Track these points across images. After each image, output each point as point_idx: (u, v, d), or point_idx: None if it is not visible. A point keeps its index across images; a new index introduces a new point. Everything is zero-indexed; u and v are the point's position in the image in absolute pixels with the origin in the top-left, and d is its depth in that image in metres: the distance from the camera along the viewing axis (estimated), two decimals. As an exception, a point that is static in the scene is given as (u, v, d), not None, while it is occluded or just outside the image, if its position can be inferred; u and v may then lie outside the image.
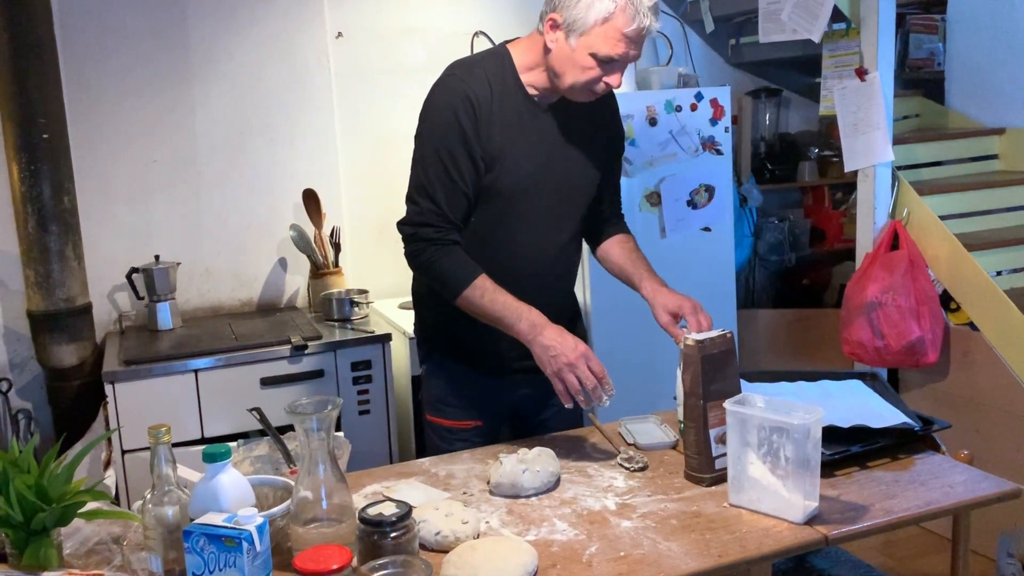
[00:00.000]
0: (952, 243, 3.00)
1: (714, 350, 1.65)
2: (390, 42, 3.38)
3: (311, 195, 3.21)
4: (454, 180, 1.82)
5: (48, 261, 2.81)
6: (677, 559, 1.41)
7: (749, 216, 3.89)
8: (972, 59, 3.61)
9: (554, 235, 1.95)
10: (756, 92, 3.98)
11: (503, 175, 1.85)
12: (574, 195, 1.96)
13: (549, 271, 1.97)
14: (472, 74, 1.84)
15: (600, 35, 1.73)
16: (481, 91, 1.82)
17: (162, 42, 3.07)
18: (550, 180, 1.90)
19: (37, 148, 2.75)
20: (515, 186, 1.87)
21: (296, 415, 1.41)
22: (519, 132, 1.85)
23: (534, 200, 1.89)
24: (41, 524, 1.35)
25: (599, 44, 1.74)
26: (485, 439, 1.99)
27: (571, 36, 1.76)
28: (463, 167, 1.81)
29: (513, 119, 1.85)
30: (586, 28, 1.73)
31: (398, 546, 1.35)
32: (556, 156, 1.90)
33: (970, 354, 3.00)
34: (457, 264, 1.83)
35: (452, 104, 1.81)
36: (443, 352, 2.02)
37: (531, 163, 1.87)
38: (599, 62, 1.76)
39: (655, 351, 3.19)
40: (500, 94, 1.84)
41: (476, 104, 1.80)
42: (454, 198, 1.83)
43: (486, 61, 1.89)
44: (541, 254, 1.94)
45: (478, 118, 1.81)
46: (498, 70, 1.86)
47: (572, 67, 1.78)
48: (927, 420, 1.81)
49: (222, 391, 2.72)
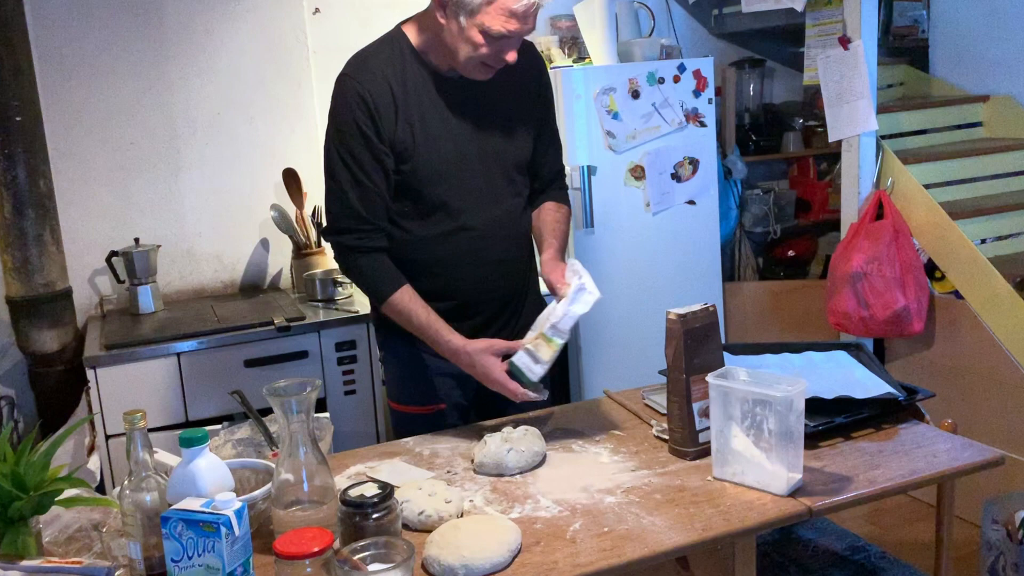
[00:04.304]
0: (936, 212, 3.00)
1: (696, 324, 1.64)
2: (368, 18, 3.33)
3: (291, 174, 3.18)
4: (363, 183, 1.80)
5: (26, 246, 2.77)
6: (661, 534, 1.41)
7: (734, 188, 3.87)
8: (956, 26, 3.59)
9: (492, 208, 1.91)
10: (740, 63, 3.95)
11: (423, 163, 1.83)
12: (505, 163, 1.92)
13: (498, 245, 1.93)
14: (366, 71, 1.81)
15: (488, 14, 1.69)
16: (376, 88, 1.79)
17: (136, 19, 3.01)
18: (475, 154, 1.87)
19: (11, 131, 2.70)
20: (440, 169, 1.84)
21: (275, 397, 1.40)
22: (432, 114, 1.83)
23: (465, 178, 1.87)
24: (18, 513, 1.34)
25: (488, 22, 1.70)
26: (449, 424, 1.96)
27: (460, 15, 1.72)
28: (369, 169, 1.80)
29: (423, 102, 1.82)
30: (473, 7, 1.69)
31: (380, 527, 1.34)
32: (478, 128, 1.87)
33: (955, 323, 3.00)
34: (379, 274, 1.85)
35: (348, 108, 1.79)
36: (399, 338, 1.97)
37: (451, 143, 1.84)
38: (490, 39, 1.72)
39: (641, 325, 3.19)
40: (401, 83, 1.81)
41: (372, 103, 1.78)
42: (368, 200, 1.82)
43: (381, 51, 1.85)
44: (486, 229, 1.91)
45: (378, 116, 1.78)
46: (395, 57, 1.82)
47: (464, 44, 1.74)
48: (911, 390, 1.81)
49: (206, 374, 2.70)
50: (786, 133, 4.01)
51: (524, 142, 1.95)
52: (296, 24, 3.21)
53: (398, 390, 2.03)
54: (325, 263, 3.20)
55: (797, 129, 4.00)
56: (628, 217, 3.24)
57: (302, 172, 3.20)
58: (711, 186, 3.39)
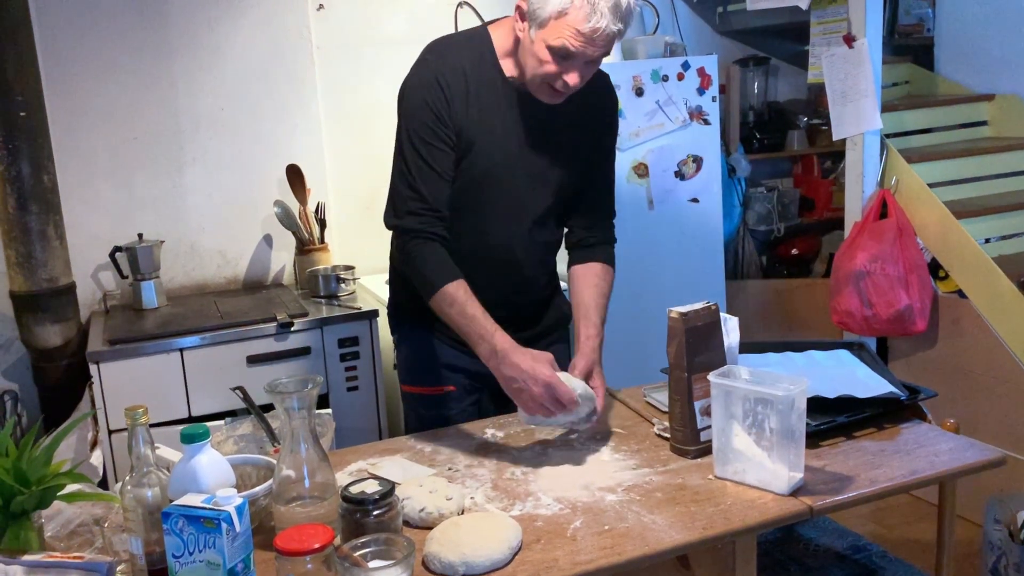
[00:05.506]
0: (941, 211, 2.99)
1: (698, 322, 1.64)
2: (372, 13, 3.33)
3: (295, 170, 3.18)
4: (432, 167, 1.77)
5: (29, 241, 2.78)
6: (662, 532, 1.41)
7: (737, 186, 3.86)
8: (962, 24, 3.58)
9: (522, 221, 1.90)
10: (744, 61, 3.94)
11: (476, 161, 1.81)
12: (545, 185, 1.89)
13: (520, 256, 1.92)
14: (445, 58, 1.80)
15: (555, 28, 1.66)
16: (453, 76, 1.77)
17: (141, 15, 3.02)
18: (520, 167, 1.85)
19: (15, 126, 2.71)
20: (486, 172, 1.83)
21: (276, 394, 1.40)
22: (495, 117, 1.81)
23: (504, 186, 1.85)
24: (20, 507, 1.34)
25: (553, 37, 1.66)
26: (461, 404, 1.97)
27: (532, 27, 1.70)
28: (438, 153, 1.77)
29: (489, 104, 1.80)
30: (543, 20, 1.67)
31: (381, 524, 1.34)
32: (530, 144, 1.84)
33: (959, 322, 3.00)
34: (436, 264, 1.78)
35: (423, 89, 1.77)
36: (413, 322, 1.99)
37: (503, 150, 1.82)
38: (555, 56, 1.68)
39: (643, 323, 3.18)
40: (476, 80, 1.79)
41: (447, 89, 1.76)
42: (435, 184, 1.78)
43: (463, 45, 1.84)
44: (510, 239, 1.90)
45: (450, 103, 1.76)
46: (475, 55, 1.81)
47: (531, 59, 1.73)
48: (913, 389, 1.81)
49: (208, 370, 2.71)
50: (790, 131, 4.00)
51: (574, 174, 1.92)
52: (300, 20, 3.20)
53: (409, 372, 2.03)
54: (328, 259, 3.21)
55: (801, 127, 3.99)
56: (631, 214, 3.24)
57: (305, 168, 3.20)
58: (715, 184, 3.38)
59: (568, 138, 1.88)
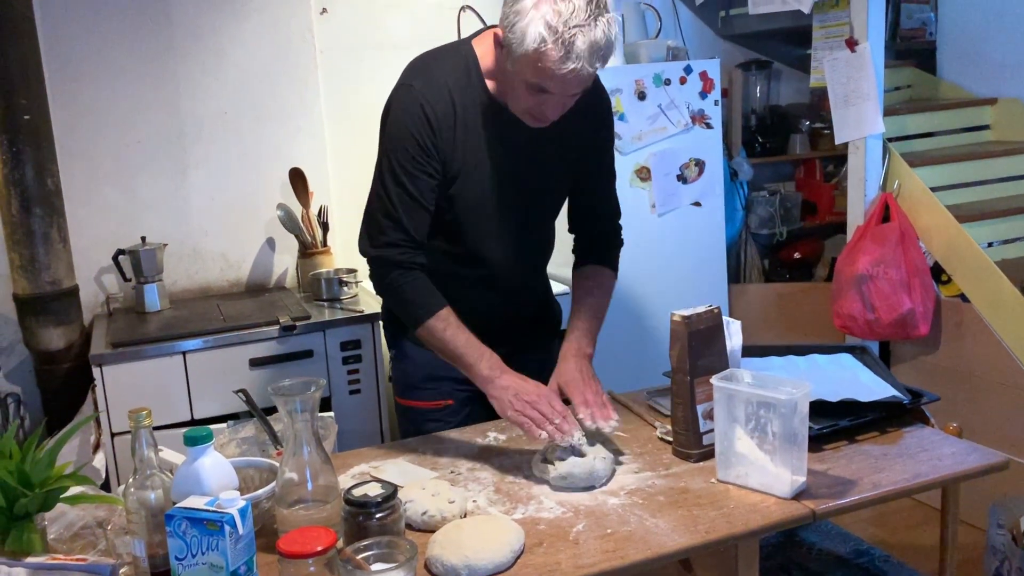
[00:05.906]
0: (943, 215, 2.99)
1: (701, 326, 1.64)
2: (375, 17, 3.33)
3: (298, 174, 3.19)
4: (414, 197, 1.74)
5: (33, 244, 2.78)
6: (664, 536, 1.41)
7: (740, 190, 3.86)
8: (964, 28, 3.59)
9: (517, 238, 1.88)
10: (746, 64, 3.94)
11: (466, 187, 1.78)
12: (541, 204, 1.89)
13: (515, 270, 1.91)
14: (431, 83, 1.74)
15: (530, 64, 1.59)
16: (439, 104, 1.72)
17: (144, 18, 3.02)
18: (514, 190, 1.82)
19: (19, 129, 2.71)
20: (478, 197, 1.80)
21: (279, 397, 1.40)
22: (484, 141, 1.77)
23: (497, 209, 1.83)
24: (24, 510, 1.34)
25: (529, 74, 1.61)
26: (458, 417, 1.96)
27: (509, 58, 1.63)
28: (422, 184, 1.74)
29: (477, 128, 1.76)
30: (519, 55, 1.60)
31: (383, 527, 1.34)
32: (521, 161, 1.81)
33: (961, 326, 3.00)
34: (421, 293, 1.76)
35: (408, 120, 1.72)
36: (408, 336, 1.95)
37: (495, 174, 1.79)
38: (532, 91, 1.64)
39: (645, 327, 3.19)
40: (462, 103, 1.74)
41: (433, 118, 1.72)
42: (416, 215, 1.75)
43: (448, 62, 1.78)
44: (503, 255, 1.88)
45: (438, 131, 1.73)
46: (460, 74, 1.76)
47: (511, 89, 1.70)
48: (916, 393, 1.80)
49: (211, 372, 2.71)
50: (792, 135, 4.00)
51: (570, 182, 1.90)
52: (303, 24, 3.21)
53: (405, 386, 2.01)
54: (331, 263, 3.21)
55: (804, 131, 3.99)
56: (634, 218, 3.22)
57: (308, 172, 3.20)
58: (717, 188, 3.38)
59: (561, 147, 1.84)
